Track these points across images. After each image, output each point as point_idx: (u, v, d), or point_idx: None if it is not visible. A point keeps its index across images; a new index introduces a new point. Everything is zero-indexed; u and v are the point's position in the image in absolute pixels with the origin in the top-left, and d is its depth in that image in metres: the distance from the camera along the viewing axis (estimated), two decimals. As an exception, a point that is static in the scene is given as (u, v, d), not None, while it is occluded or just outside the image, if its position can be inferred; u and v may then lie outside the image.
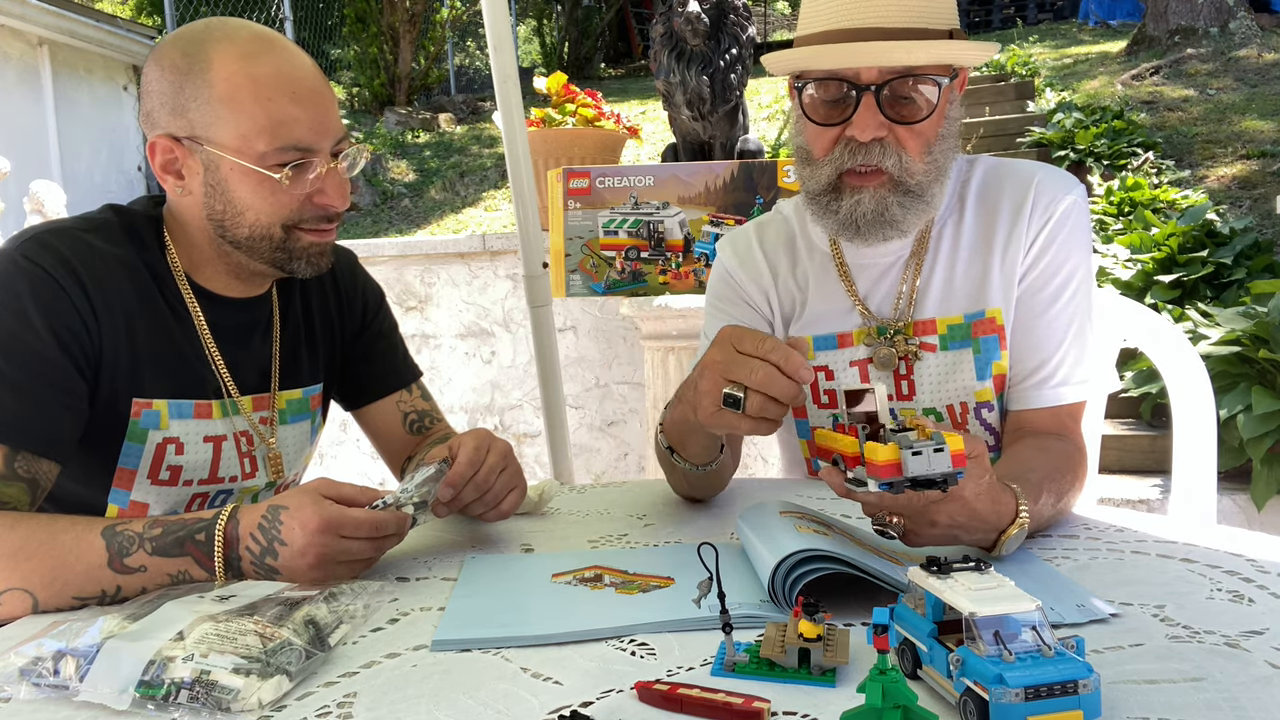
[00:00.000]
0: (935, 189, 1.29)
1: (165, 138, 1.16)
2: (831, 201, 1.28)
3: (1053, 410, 1.30)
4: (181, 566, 0.99)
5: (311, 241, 1.22)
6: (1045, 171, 1.36)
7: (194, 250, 1.24)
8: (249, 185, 1.16)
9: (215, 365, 1.25)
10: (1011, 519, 0.98)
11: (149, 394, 1.19)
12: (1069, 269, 1.31)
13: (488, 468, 1.15)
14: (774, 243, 1.48)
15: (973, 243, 1.35)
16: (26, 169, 7.45)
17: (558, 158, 3.80)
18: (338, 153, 1.20)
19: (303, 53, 1.21)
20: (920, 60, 1.20)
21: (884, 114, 1.22)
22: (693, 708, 0.69)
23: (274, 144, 1.14)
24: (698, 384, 1.03)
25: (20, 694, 0.75)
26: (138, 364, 1.18)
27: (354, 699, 0.74)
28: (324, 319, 1.41)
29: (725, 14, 3.10)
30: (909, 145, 1.24)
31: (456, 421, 1.86)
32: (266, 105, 1.13)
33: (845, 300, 1.40)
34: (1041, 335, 1.31)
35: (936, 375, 1.36)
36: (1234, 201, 5.64)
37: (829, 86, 1.24)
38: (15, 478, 1.06)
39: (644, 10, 15.57)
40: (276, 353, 1.34)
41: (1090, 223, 1.36)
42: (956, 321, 1.35)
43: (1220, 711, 0.65)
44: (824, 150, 1.27)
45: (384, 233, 7.72)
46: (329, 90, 1.21)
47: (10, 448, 1.06)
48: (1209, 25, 8.57)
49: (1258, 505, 3.35)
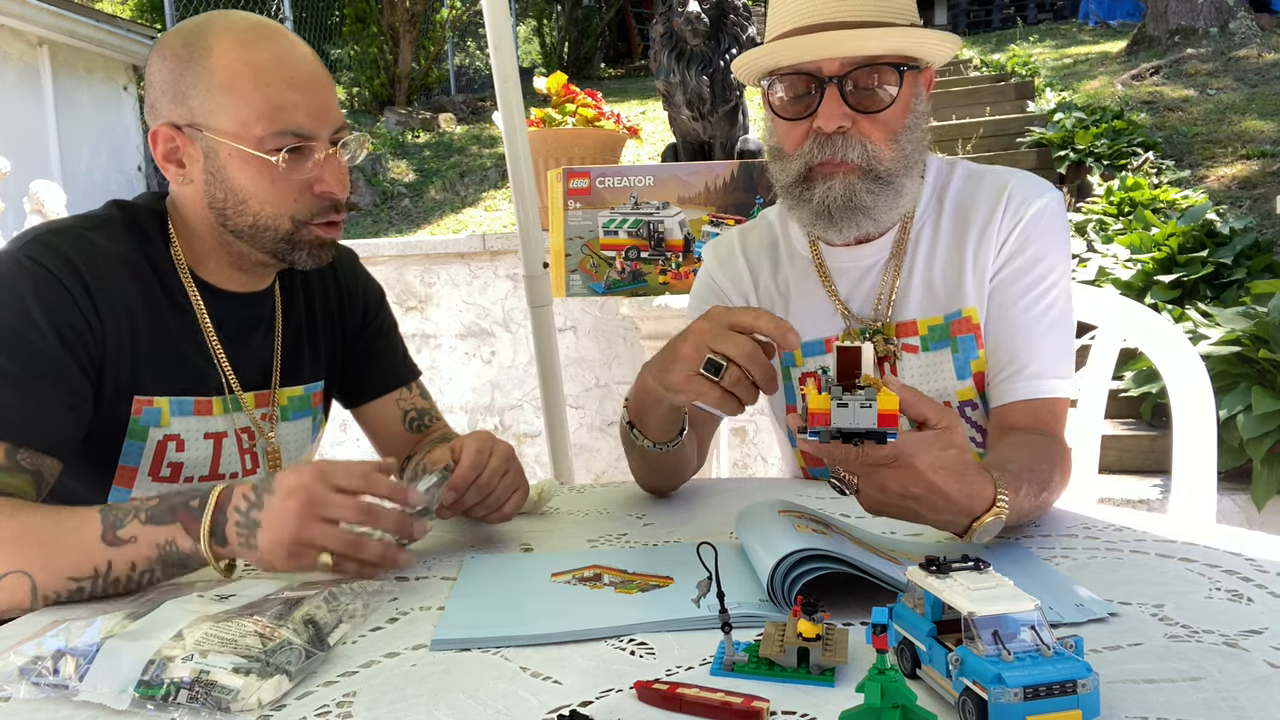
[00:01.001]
0: (906, 181, 1.31)
1: (167, 126, 1.18)
2: (804, 191, 1.31)
3: (1030, 404, 1.30)
4: (169, 535, 0.98)
5: (318, 235, 1.22)
6: (1021, 176, 1.38)
7: (196, 242, 1.24)
8: (248, 172, 1.16)
9: (218, 360, 1.25)
10: (987, 505, 0.96)
11: (150, 391, 1.19)
12: (1042, 268, 1.32)
13: (490, 470, 1.15)
14: (756, 248, 1.51)
15: (949, 244, 1.37)
16: (26, 169, 7.45)
17: (558, 158, 3.79)
18: (337, 142, 1.21)
19: (303, 42, 1.22)
20: (878, 49, 1.24)
21: (847, 104, 1.25)
22: (692, 707, 0.69)
23: (271, 128, 1.15)
24: (678, 348, 1.06)
25: (20, 693, 0.76)
26: (140, 362, 1.18)
27: (353, 698, 0.74)
28: (326, 316, 1.42)
29: (725, 14, 3.10)
30: (873, 135, 1.27)
31: (456, 421, 1.86)
32: (264, 90, 1.14)
33: (827, 304, 1.42)
34: (1014, 328, 1.32)
35: (918, 376, 1.37)
36: (1234, 201, 5.64)
37: (794, 83, 1.29)
38: (19, 469, 1.06)
39: (644, 10, 15.57)
40: (278, 349, 1.34)
41: (1066, 227, 1.37)
42: (937, 322, 1.36)
43: (1219, 711, 0.65)
44: (794, 145, 1.31)
45: (384, 233, 7.72)
46: (328, 79, 1.22)
47: (12, 444, 1.06)
48: (1209, 25, 8.57)
49: (1258, 505, 3.35)
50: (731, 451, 3.89)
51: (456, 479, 1.12)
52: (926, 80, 1.34)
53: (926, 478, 0.92)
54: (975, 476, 0.95)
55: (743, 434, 3.89)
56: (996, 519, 0.96)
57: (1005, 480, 0.99)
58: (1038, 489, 1.08)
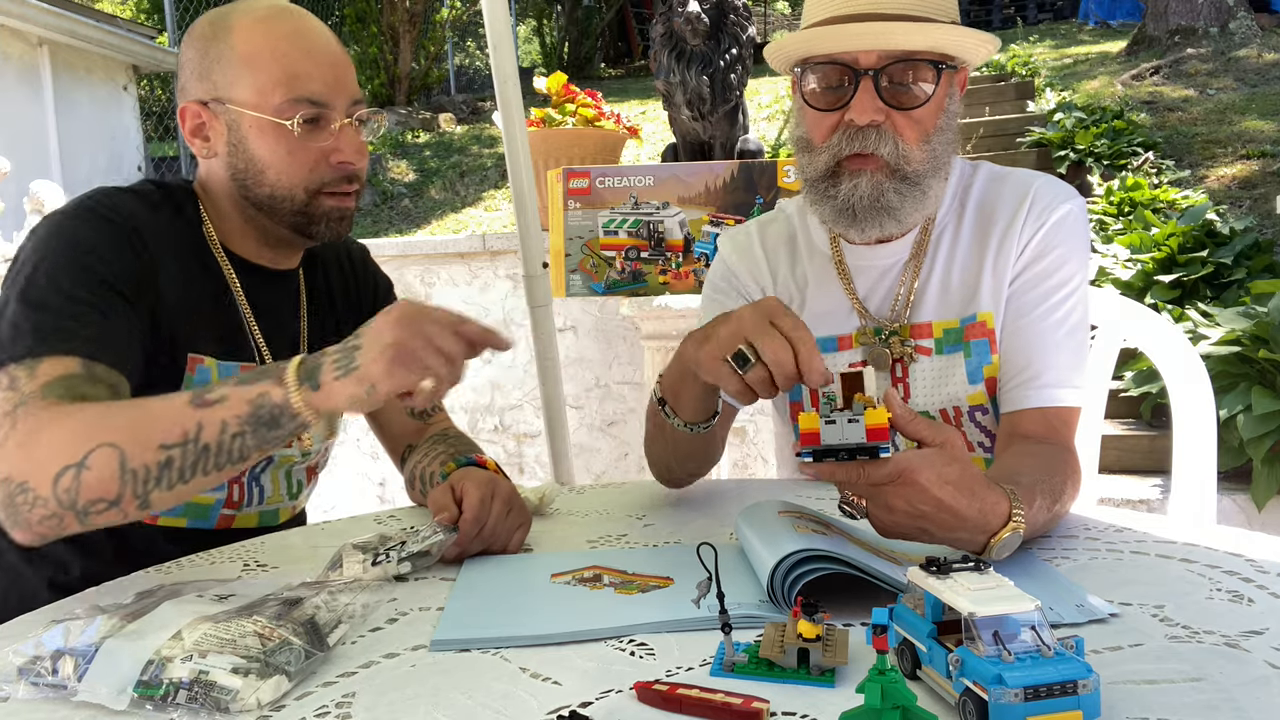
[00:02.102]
0: (933, 183, 1.28)
1: (194, 103, 1.24)
2: (830, 187, 1.29)
3: (1042, 412, 1.27)
4: (261, 390, 0.97)
5: (332, 206, 1.26)
6: (1044, 180, 1.36)
7: (224, 219, 1.29)
8: (266, 140, 1.21)
9: (252, 333, 1.30)
10: (1004, 521, 0.93)
11: (202, 351, 1.23)
12: (1062, 275, 1.30)
13: (494, 517, 1.12)
14: (775, 241, 1.48)
15: (969, 247, 1.35)
16: (26, 169, 7.45)
17: (558, 158, 3.79)
18: (354, 115, 1.25)
19: (321, 23, 1.28)
20: (918, 44, 1.22)
21: (882, 99, 1.22)
22: (692, 708, 0.69)
23: (288, 95, 1.20)
24: (718, 327, 1.04)
25: (18, 693, 0.75)
26: (191, 321, 1.22)
27: (353, 699, 0.74)
28: (345, 301, 1.47)
29: (725, 14, 3.10)
30: (906, 133, 1.24)
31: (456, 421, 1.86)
32: (282, 60, 1.20)
33: (844, 301, 1.39)
34: (1030, 336, 1.30)
35: (931, 379, 1.35)
36: (1234, 201, 5.64)
37: (828, 73, 1.26)
38: (97, 380, 1.07)
39: (644, 10, 15.57)
40: (304, 329, 1.38)
41: (1088, 234, 1.35)
42: (952, 325, 1.34)
43: (1219, 712, 0.65)
44: (823, 137, 1.28)
45: (384, 233, 7.72)
46: (346, 57, 1.27)
47: (89, 358, 1.07)
48: (1209, 25, 8.57)
49: (1258, 505, 3.35)
50: (731, 451, 3.89)
51: (462, 537, 1.09)
52: (961, 81, 1.31)
53: (932, 494, 0.89)
54: (986, 491, 0.93)
55: (742, 434, 3.88)
56: (1015, 533, 0.93)
57: (1020, 494, 0.96)
58: (1050, 501, 1.05)
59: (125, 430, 0.97)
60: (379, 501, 4.62)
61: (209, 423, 0.97)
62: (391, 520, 1.30)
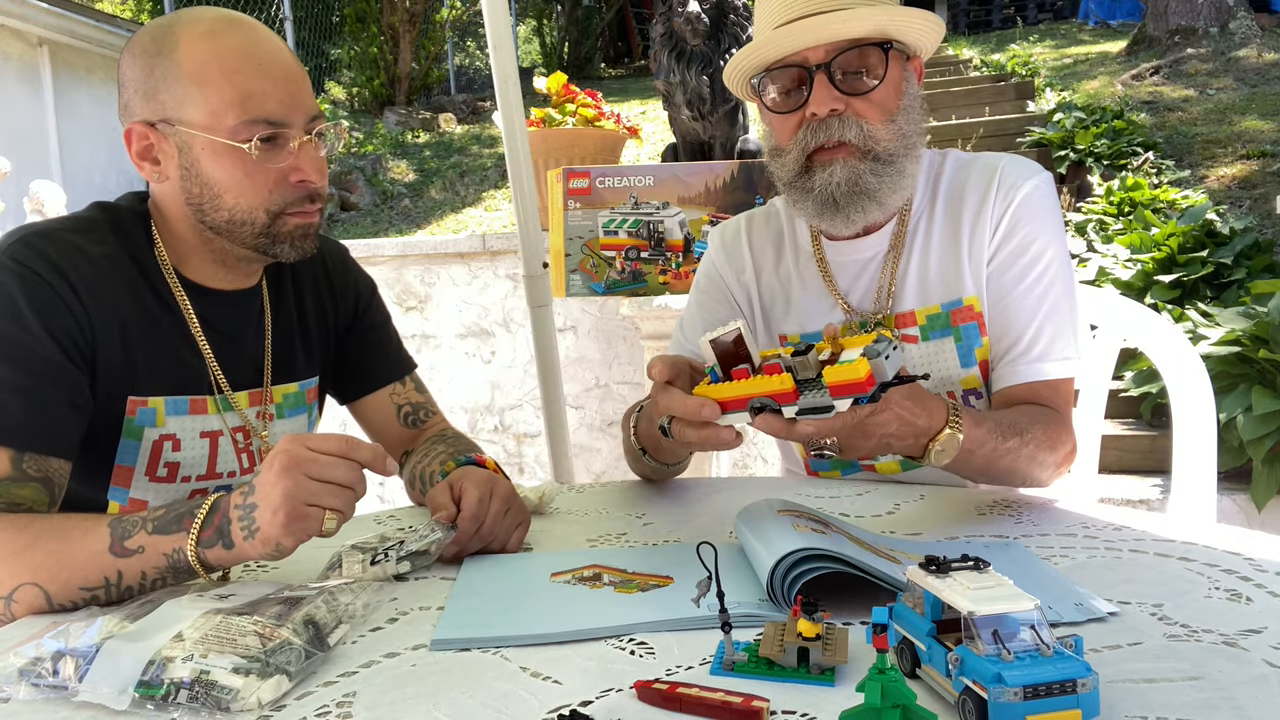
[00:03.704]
0: (906, 161, 1.32)
1: (140, 124, 1.16)
2: (805, 181, 1.32)
3: (1030, 386, 1.31)
4: (177, 543, 0.97)
5: (296, 224, 1.20)
6: (1009, 160, 1.39)
7: (179, 242, 1.23)
8: (222, 164, 1.15)
9: (207, 360, 1.25)
10: (942, 425, 1.05)
11: (144, 392, 1.19)
12: (1036, 249, 1.33)
13: (493, 516, 1.12)
14: (762, 237, 1.52)
15: (944, 234, 1.38)
16: (26, 169, 7.45)
17: (558, 158, 3.79)
18: (312, 131, 1.19)
19: (272, 32, 1.21)
20: (858, 31, 1.26)
21: (838, 89, 1.27)
22: (692, 707, 0.69)
23: (243, 117, 1.13)
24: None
25: (19, 694, 0.76)
26: (132, 363, 1.17)
27: (353, 699, 0.74)
28: (317, 311, 1.41)
29: (725, 14, 3.10)
30: (868, 115, 1.29)
31: (456, 421, 1.86)
32: (233, 79, 1.13)
33: (827, 298, 1.43)
34: (1013, 312, 1.33)
35: (920, 366, 1.38)
36: (1234, 201, 5.64)
37: (783, 77, 1.31)
38: (27, 479, 1.06)
39: (644, 10, 15.56)
40: (269, 347, 1.33)
41: (1057, 207, 1.38)
42: (934, 311, 1.37)
43: (1218, 710, 0.66)
44: (789, 136, 1.32)
45: (384, 233, 7.72)
46: (300, 69, 1.20)
47: (16, 450, 1.06)
48: (1209, 25, 8.57)
49: (1258, 505, 3.35)
50: (732, 451, 3.89)
51: (460, 535, 1.09)
52: (916, 69, 1.36)
53: (898, 413, 1.03)
54: (932, 402, 1.07)
55: (742, 434, 3.89)
56: (952, 436, 1.04)
57: (965, 411, 1.08)
58: (1006, 431, 1.15)
59: (47, 570, 0.97)
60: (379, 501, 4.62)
61: (129, 571, 0.98)
62: (391, 520, 1.30)
